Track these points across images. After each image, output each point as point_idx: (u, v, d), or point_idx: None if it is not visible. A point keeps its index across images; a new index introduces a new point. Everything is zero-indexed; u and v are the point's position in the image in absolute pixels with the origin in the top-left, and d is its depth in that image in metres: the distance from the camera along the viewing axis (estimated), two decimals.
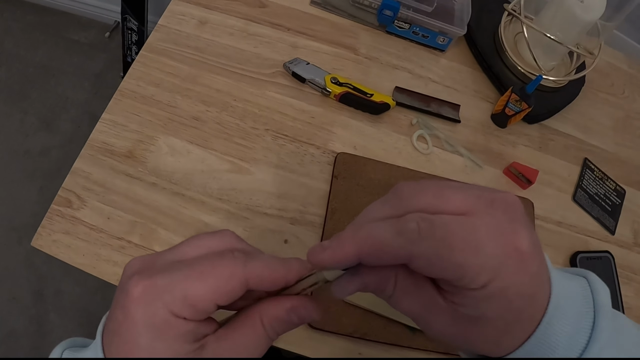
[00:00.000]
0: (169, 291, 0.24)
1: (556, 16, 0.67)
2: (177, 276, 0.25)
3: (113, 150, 0.56)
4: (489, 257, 0.23)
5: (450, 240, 0.23)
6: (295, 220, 0.56)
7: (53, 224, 0.51)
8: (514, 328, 0.25)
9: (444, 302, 0.26)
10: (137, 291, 0.24)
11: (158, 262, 0.26)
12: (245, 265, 0.26)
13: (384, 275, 0.26)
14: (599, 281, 0.28)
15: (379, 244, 0.24)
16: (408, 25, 0.70)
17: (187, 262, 0.26)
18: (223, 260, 0.26)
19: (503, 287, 0.23)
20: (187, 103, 0.61)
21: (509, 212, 0.24)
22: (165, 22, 0.66)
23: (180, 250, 0.27)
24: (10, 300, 1.27)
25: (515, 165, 0.64)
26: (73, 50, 1.64)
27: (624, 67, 0.85)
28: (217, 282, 0.25)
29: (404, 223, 0.24)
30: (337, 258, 0.25)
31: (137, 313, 0.24)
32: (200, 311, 0.25)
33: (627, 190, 0.70)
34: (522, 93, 0.63)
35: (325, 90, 0.63)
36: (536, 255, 0.24)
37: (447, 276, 0.24)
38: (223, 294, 0.25)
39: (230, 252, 0.26)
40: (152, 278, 0.25)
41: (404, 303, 0.27)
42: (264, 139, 0.60)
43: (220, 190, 0.56)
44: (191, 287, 0.24)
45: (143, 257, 0.27)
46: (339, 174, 0.58)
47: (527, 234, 0.24)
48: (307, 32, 0.70)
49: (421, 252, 0.24)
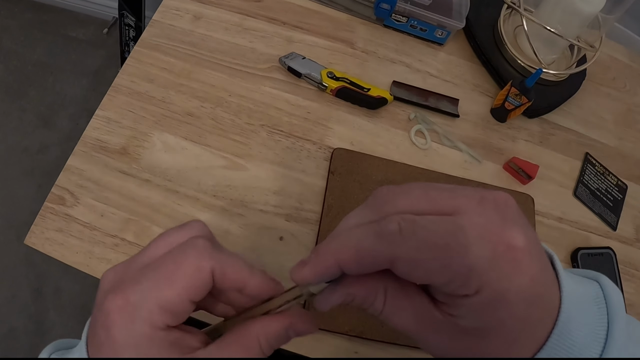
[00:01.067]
0: (143, 305, 0.24)
1: (556, 9, 0.66)
2: (147, 286, 0.24)
3: (107, 147, 0.55)
4: (478, 258, 0.22)
5: (435, 241, 0.22)
6: (290, 217, 0.55)
7: (46, 222, 0.51)
8: (522, 337, 0.23)
9: (442, 316, 0.24)
10: (113, 311, 0.24)
11: (129, 271, 0.26)
12: (211, 256, 0.25)
13: (370, 286, 0.25)
14: (612, 285, 0.26)
15: (357, 249, 0.23)
16: (406, 19, 0.69)
17: (155, 266, 0.25)
18: (186, 254, 0.25)
19: (500, 291, 0.22)
20: (182, 99, 0.60)
21: (501, 211, 0.23)
22: (159, 18, 0.65)
23: (150, 251, 0.27)
24: (9, 298, 1.27)
25: (515, 160, 0.63)
26: (71, 47, 1.64)
27: (625, 60, 0.84)
28: (185, 281, 0.24)
29: (384, 224, 0.23)
30: (318, 271, 0.24)
31: (119, 335, 0.23)
32: (178, 314, 0.24)
33: (629, 185, 0.69)
34: (522, 87, 0.63)
35: (321, 85, 0.63)
36: (534, 254, 0.23)
37: (433, 281, 0.23)
38: (194, 290, 0.24)
39: (193, 241, 0.26)
40: (126, 294, 0.24)
41: (397, 319, 0.25)
42: (259, 134, 0.59)
43: (215, 187, 0.55)
44: (162, 295, 0.24)
45: (115, 268, 0.27)
46: (336, 170, 0.57)
47: (521, 232, 0.22)
48: (303, 26, 0.69)
49: (403, 254, 0.22)
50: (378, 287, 0.25)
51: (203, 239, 0.26)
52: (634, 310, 0.60)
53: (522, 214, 0.24)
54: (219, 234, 0.52)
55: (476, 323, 0.23)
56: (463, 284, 0.22)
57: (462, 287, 0.22)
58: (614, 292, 0.25)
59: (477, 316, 0.23)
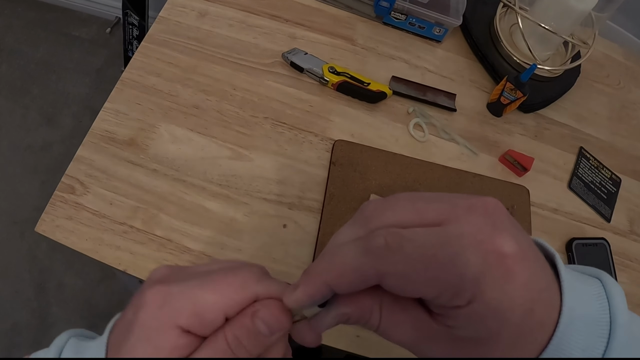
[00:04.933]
0: (179, 298, 0.24)
1: (550, 6, 0.68)
2: (191, 284, 0.25)
3: (115, 138, 0.57)
4: (467, 268, 0.21)
5: (422, 254, 0.21)
6: (293, 206, 0.57)
7: (56, 210, 0.52)
8: (521, 342, 0.23)
9: (439, 327, 0.24)
10: (151, 295, 0.24)
11: (182, 272, 0.27)
12: (259, 281, 0.25)
13: (364, 304, 0.25)
14: (614, 283, 0.25)
15: (345, 268, 0.23)
16: (404, 17, 0.71)
17: (206, 272, 0.26)
18: (238, 271, 0.26)
19: (493, 300, 0.21)
20: (188, 92, 0.62)
21: (490, 218, 0.22)
22: (166, 14, 0.67)
23: (207, 265, 0.27)
24: (12, 293, 1.28)
25: (510, 152, 0.65)
26: (74, 46, 1.65)
27: (620, 58, 0.86)
28: (228, 293, 0.24)
29: (371, 240, 0.22)
30: (310, 294, 0.24)
31: (144, 316, 0.24)
32: (206, 321, 0.24)
33: (622, 178, 0.71)
34: (517, 82, 0.64)
35: (323, 80, 0.64)
36: (526, 259, 0.22)
37: (424, 294, 0.23)
38: (232, 304, 0.24)
39: (249, 265, 0.26)
40: (169, 285, 0.25)
41: (394, 333, 0.25)
42: (263, 126, 0.61)
43: (221, 177, 0.57)
44: (201, 296, 0.24)
45: (171, 266, 0.28)
46: (337, 161, 0.59)
47: (511, 239, 0.22)
48: (305, 24, 0.71)
49: (391, 269, 0.22)
50: (373, 304, 0.25)
51: (258, 267, 0.27)
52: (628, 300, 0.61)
53: (512, 219, 0.23)
54: (225, 222, 0.54)
55: (473, 333, 0.23)
56: (454, 296, 0.22)
57: (453, 298, 0.22)
58: (616, 290, 0.24)
59: (473, 326, 0.22)
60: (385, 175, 0.59)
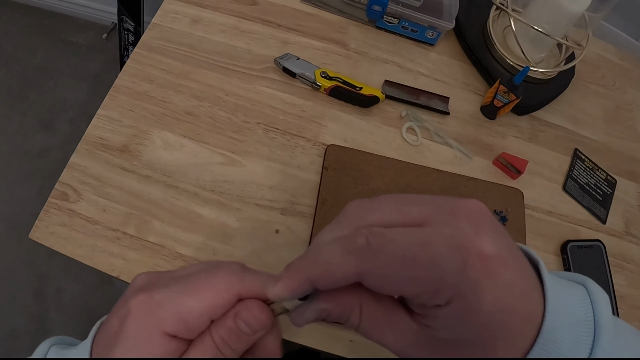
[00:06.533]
0: (164, 306, 0.24)
1: (543, 8, 0.68)
2: (173, 291, 0.25)
3: (108, 145, 0.57)
4: (447, 268, 0.21)
5: (403, 253, 0.22)
6: (286, 211, 0.57)
7: (50, 217, 0.53)
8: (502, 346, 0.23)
9: (419, 328, 0.24)
10: (135, 304, 0.25)
11: (162, 279, 0.27)
12: (241, 280, 0.26)
13: (344, 301, 0.25)
14: (598, 289, 0.25)
15: (326, 265, 0.23)
16: (397, 20, 0.71)
17: (186, 277, 0.26)
18: (219, 273, 0.26)
19: (472, 301, 0.22)
20: (180, 98, 0.62)
21: (472, 219, 0.23)
22: (159, 21, 0.67)
23: (187, 268, 0.28)
24: (10, 299, 1.29)
25: (504, 155, 0.65)
26: (71, 52, 1.66)
27: (614, 59, 0.85)
28: (211, 296, 0.25)
29: (352, 239, 0.23)
30: (290, 288, 0.24)
31: (130, 326, 0.24)
32: (192, 326, 0.24)
33: (618, 180, 0.71)
34: (510, 84, 0.64)
35: (315, 85, 0.65)
36: (508, 262, 0.22)
37: (404, 293, 0.23)
38: (217, 307, 0.25)
39: (229, 264, 0.27)
40: (151, 293, 0.25)
41: (374, 332, 0.25)
42: (255, 132, 0.61)
43: (213, 182, 0.57)
44: (184, 302, 0.24)
45: (150, 273, 0.28)
46: (329, 166, 0.59)
47: (492, 240, 0.22)
48: (298, 29, 0.71)
49: (371, 268, 0.22)
50: (353, 302, 0.25)
51: (237, 264, 0.27)
52: (624, 302, 0.62)
53: (495, 222, 0.23)
54: (217, 228, 0.54)
55: (452, 334, 0.23)
56: (433, 295, 0.22)
57: (432, 298, 0.22)
58: (600, 297, 0.25)
59: (452, 327, 0.23)
60: (378, 180, 0.59)
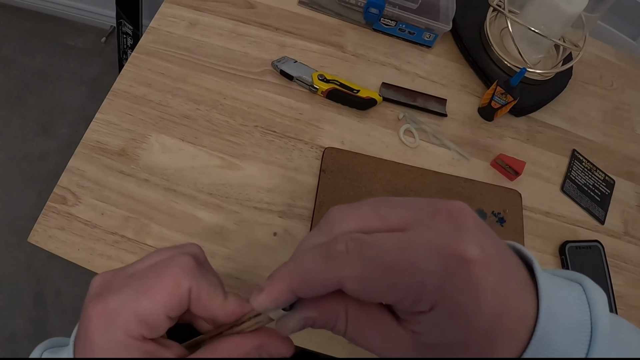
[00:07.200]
0: (121, 313, 0.25)
1: (540, 10, 0.68)
2: (128, 295, 0.25)
3: (106, 149, 0.57)
4: (428, 274, 0.21)
5: (382, 260, 0.21)
6: (284, 214, 0.57)
7: (49, 221, 0.53)
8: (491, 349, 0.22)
9: (406, 333, 0.24)
10: (94, 316, 0.25)
11: (116, 279, 0.27)
12: (192, 275, 0.26)
13: (328, 308, 0.25)
14: (595, 287, 0.25)
15: (306, 273, 0.23)
16: (394, 23, 0.72)
17: (138, 277, 0.26)
18: (168, 269, 0.26)
19: (456, 306, 0.21)
20: (178, 102, 0.62)
21: (454, 221, 0.22)
22: (156, 25, 0.67)
23: (139, 263, 0.28)
24: (10, 303, 1.29)
25: (501, 157, 0.65)
26: (70, 56, 1.66)
27: (612, 59, 0.86)
28: (163, 295, 0.25)
29: (332, 246, 0.23)
30: (273, 297, 0.24)
31: (97, 339, 0.25)
32: (154, 327, 0.25)
33: (616, 180, 0.71)
34: (507, 86, 0.65)
35: (312, 87, 0.65)
36: (493, 265, 0.22)
37: (386, 299, 0.23)
38: (170, 306, 0.25)
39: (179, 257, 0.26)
40: (106, 301, 0.25)
41: (361, 338, 0.25)
42: (253, 135, 0.61)
43: (211, 186, 0.57)
44: (139, 306, 0.25)
45: (104, 275, 0.28)
46: (327, 168, 0.59)
47: (474, 243, 0.21)
48: (295, 32, 0.71)
49: (350, 275, 0.22)
50: (338, 309, 0.25)
51: (189, 257, 0.27)
52: (622, 302, 0.62)
53: (480, 223, 0.23)
54: (215, 231, 0.54)
55: (439, 339, 0.23)
56: (416, 302, 0.22)
57: (415, 304, 0.22)
58: (597, 295, 0.24)
59: (438, 332, 0.22)
60: (376, 182, 0.59)
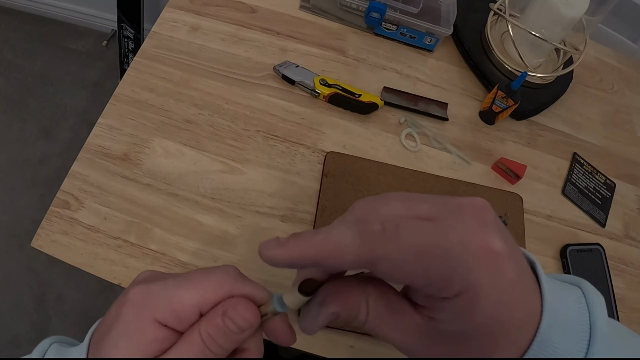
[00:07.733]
0: (158, 295, 0.26)
1: (541, 14, 0.68)
2: (170, 283, 0.26)
3: (109, 153, 0.58)
4: (459, 261, 0.22)
5: (418, 244, 0.22)
6: (286, 218, 0.57)
7: (52, 225, 0.53)
8: (503, 341, 0.23)
9: (423, 320, 0.25)
10: (133, 293, 0.26)
11: (164, 275, 0.28)
12: (235, 282, 0.27)
13: (353, 300, 0.25)
14: (594, 290, 0.26)
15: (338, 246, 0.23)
16: (395, 27, 0.72)
17: (185, 275, 0.27)
18: (215, 272, 0.27)
19: (480, 294, 0.22)
20: (180, 107, 0.62)
21: (478, 216, 0.23)
22: (158, 29, 0.68)
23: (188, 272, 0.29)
24: (12, 306, 1.29)
25: (503, 160, 0.65)
26: (71, 59, 1.67)
27: (612, 62, 0.86)
28: (203, 290, 0.26)
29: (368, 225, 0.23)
30: (293, 256, 0.23)
31: (125, 314, 0.25)
32: (182, 317, 0.25)
33: (617, 183, 0.71)
34: (508, 90, 0.65)
35: (314, 92, 0.65)
36: (513, 259, 0.23)
37: (414, 282, 0.23)
38: (207, 301, 0.26)
39: (226, 266, 0.28)
40: (149, 284, 0.26)
41: (380, 327, 0.25)
42: (255, 139, 0.62)
43: (214, 190, 0.57)
44: (177, 293, 0.26)
45: (154, 270, 0.30)
46: (329, 173, 0.59)
47: (500, 237, 0.23)
48: (297, 36, 0.71)
49: (386, 255, 0.22)
50: (360, 299, 0.25)
51: (235, 268, 0.28)
52: (624, 304, 0.62)
53: (498, 220, 0.24)
54: (218, 235, 0.54)
55: (456, 327, 0.23)
56: (444, 287, 0.22)
57: (442, 289, 0.22)
58: (596, 298, 0.25)
59: (457, 319, 0.23)
60: (378, 186, 0.59)
